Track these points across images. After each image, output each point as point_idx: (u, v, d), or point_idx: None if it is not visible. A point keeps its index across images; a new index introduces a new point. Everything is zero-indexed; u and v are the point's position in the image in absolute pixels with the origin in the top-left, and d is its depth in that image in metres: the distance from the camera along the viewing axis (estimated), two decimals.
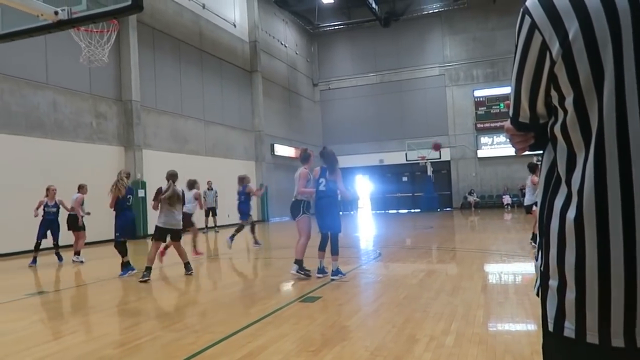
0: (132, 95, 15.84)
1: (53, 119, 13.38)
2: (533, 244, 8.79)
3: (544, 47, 1.03)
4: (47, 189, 9.52)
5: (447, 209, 27.53)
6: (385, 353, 3.49)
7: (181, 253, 7.55)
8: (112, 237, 8.00)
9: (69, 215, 9.79)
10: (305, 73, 30.75)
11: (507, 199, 25.96)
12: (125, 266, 7.77)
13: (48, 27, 5.18)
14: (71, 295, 6.55)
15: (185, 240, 8.47)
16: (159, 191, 7.34)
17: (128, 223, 7.83)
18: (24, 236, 10.40)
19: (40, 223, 9.39)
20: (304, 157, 7.09)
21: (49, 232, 9.45)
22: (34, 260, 9.31)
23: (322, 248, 6.78)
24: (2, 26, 5.46)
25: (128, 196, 7.83)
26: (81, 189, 9.90)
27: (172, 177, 7.42)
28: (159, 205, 7.33)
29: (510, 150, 27.29)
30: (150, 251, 7.34)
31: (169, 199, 7.19)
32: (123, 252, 7.76)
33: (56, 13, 5.00)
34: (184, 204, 7.82)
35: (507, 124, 1.22)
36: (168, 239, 7.66)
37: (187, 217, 8.96)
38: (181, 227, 7.59)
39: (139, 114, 16.13)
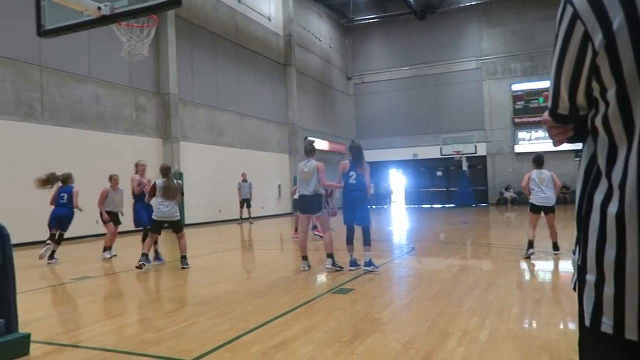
0: (170, 88, 16.21)
1: (95, 111, 13.85)
2: (556, 252, 7.78)
3: (586, 38, 1.02)
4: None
5: (483, 204, 27.04)
6: (417, 346, 3.50)
7: (182, 246, 7.67)
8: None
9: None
10: (339, 67, 30.68)
11: None
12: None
13: (92, 22, 5.37)
14: (113, 281, 6.81)
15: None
16: (154, 185, 7.58)
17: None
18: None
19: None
20: (309, 150, 7.02)
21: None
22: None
23: (350, 241, 6.86)
24: (49, 21, 5.70)
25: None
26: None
27: (166, 170, 7.58)
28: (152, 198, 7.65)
29: (549, 146, 26.47)
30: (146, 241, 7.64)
31: (164, 191, 7.35)
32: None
33: (99, 9, 5.18)
34: (182, 195, 7.97)
35: (546, 115, 1.21)
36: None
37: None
38: (178, 218, 7.66)
39: (176, 106, 16.50)
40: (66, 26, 5.62)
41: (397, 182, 30.97)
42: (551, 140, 1.27)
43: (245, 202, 17.13)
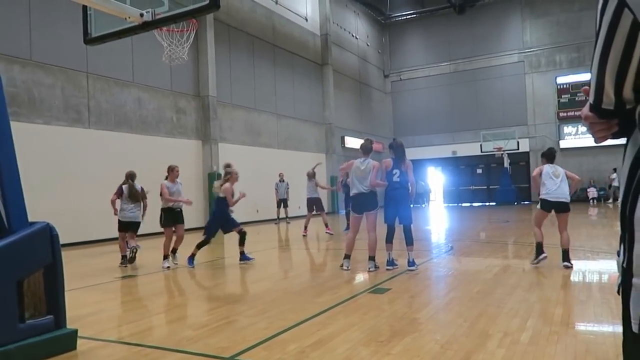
0: (209, 91, 16.55)
1: (138, 115, 14.30)
2: (567, 264, 6.52)
3: (635, 27, 0.96)
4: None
5: (525, 202, 26.24)
6: (456, 347, 3.44)
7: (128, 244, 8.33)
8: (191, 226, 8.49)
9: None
10: (376, 64, 30.49)
11: (592, 192, 24.28)
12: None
13: (135, 28, 5.56)
14: (155, 280, 7.02)
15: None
16: (120, 190, 8.35)
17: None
18: (112, 224, 11.24)
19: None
20: (368, 149, 7.02)
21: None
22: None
23: (390, 240, 6.84)
24: (95, 30, 5.94)
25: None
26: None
27: (130, 177, 8.49)
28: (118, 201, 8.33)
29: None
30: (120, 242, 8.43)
31: (129, 196, 8.23)
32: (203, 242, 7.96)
33: (142, 15, 5.36)
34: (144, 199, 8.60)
35: (586, 111, 1.15)
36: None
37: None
38: (139, 221, 8.40)
39: (215, 108, 16.83)
40: (111, 33, 5.85)
41: (436, 180, 30.49)
42: (592, 138, 1.21)
43: (283, 202, 17.26)
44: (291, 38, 21.87)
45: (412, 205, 7.16)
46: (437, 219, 18.65)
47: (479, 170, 28.59)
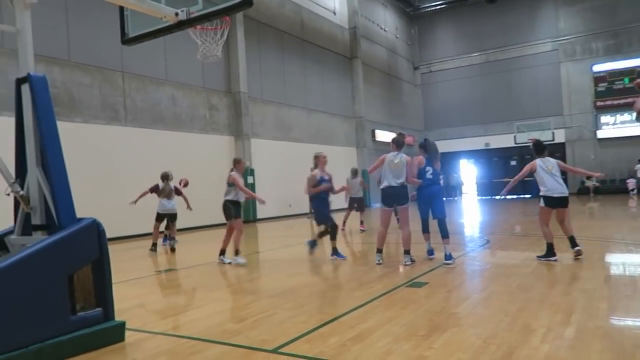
0: (240, 87, 16.73)
1: (172, 112, 14.59)
2: (578, 249, 6.55)
3: None
4: (317, 157, 7.87)
5: None
6: (498, 342, 3.40)
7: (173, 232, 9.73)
8: (219, 221, 8.67)
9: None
10: (405, 56, 30.16)
11: (632, 184, 23.45)
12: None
13: (170, 28, 5.66)
14: (194, 273, 7.18)
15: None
16: (156, 187, 9.50)
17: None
18: (150, 219, 11.52)
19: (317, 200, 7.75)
20: (401, 143, 7.00)
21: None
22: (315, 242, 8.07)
23: (426, 229, 7.06)
24: (132, 30, 6.08)
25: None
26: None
27: (165, 177, 9.59)
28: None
29: (637, 130, 24.56)
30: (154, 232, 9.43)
31: (165, 194, 9.38)
32: (332, 235, 7.70)
33: (177, 14, 5.45)
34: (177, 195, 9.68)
35: (639, 104, 1.12)
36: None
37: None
38: (176, 212, 9.53)
39: (246, 104, 17.00)
40: (147, 33, 5.97)
41: (468, 172, 30.00)
42: None
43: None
44: (320, 32, 21.84)
45: (444, 199, 7.17)
46: (470, 212, 18.38)
47: (513, 162, 27.96)
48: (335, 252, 7.68)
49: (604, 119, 25.35)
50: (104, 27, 12.06)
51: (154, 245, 9.40)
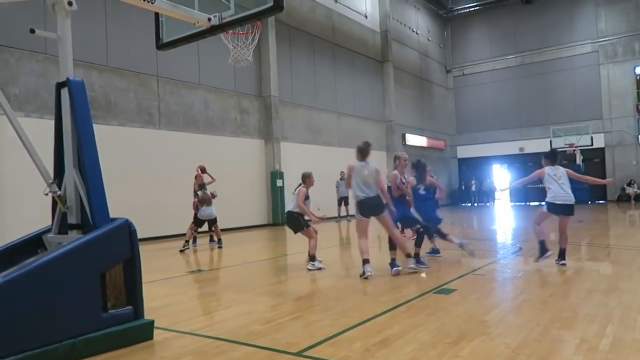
0: (271, 91, 16.89)
1: (204, 116, 14.86)
2: (563, 262, 6.62)
3: None
4: (398, 158, 7.49)
5: (600, 201, 24.72)
6: (528, 352, 3.31)
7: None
8: (249, 224, 8.73)
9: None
10: (437, 59, 29.82)
11: None
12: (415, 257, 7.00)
13: (203, 32, 5.79)
14: (223, 275, 7.28)
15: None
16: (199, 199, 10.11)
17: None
18: (181, 220, 11.73)
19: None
20: (366, 152, 7.01)
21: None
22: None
23: (430, 235, 7.76)
24: (166, 35, 6.24)
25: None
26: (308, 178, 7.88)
27: (201, 186, 10.30)
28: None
29: None
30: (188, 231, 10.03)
31: (203, 201, 10.00)
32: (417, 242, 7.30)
33: (209, 20, 5.57)
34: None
35: None
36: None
37: None
38: (215, 216, 10.17)
39: (277, 108, 17.14)
40: (181, 38, 6.13)
41: (502, 178, 29.35)
42: None
43: (343, 200, 17.32)
44: (351, 36, 21.84)
45: (475, 205, 7.20)
46: (503, 218, 17.99)
47: None
48: (418, 259, 6.85)
49: None
50: (140, 33, 12.41)
51: (187, 242, 10.02)
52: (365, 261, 6.33)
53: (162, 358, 3.48)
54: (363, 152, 6.79)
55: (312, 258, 7.23)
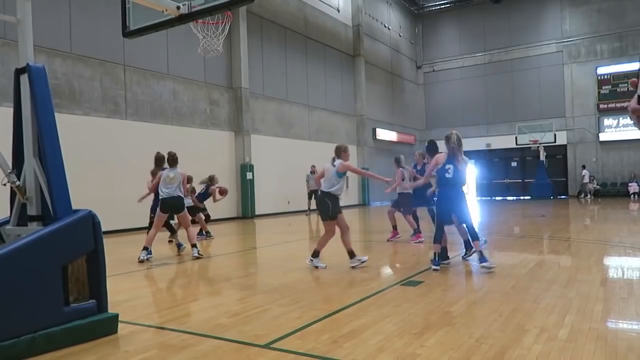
0: (241, 83, 16.71)
1: (173, 107, 14.59)
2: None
3: None
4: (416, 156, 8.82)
5: (562, 196, 25.55)
6: (491, 341, 3.40)
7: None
8: (220, 217, 8.62)
9: None
10: (408, 55, 30.10)
11: (634, 187, 23.43)
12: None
13: (171, 21, 5.64)
14: (190, 268, 7.18)
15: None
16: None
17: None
18: (147, 213, 11.50)
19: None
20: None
21: None
22: None
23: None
24: (133, 23, 6.07)
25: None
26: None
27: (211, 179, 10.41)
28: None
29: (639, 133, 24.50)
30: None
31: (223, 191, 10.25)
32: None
33: (178, 8, 5.43)
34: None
35: (634, 104, 1.11)
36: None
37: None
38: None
39: (247, 100, 16.99)
40: (148, 26, 5.95)
41: (469, 173, 29.96)
42: None
43: (314, 193, 17.33)
44: (323, 29, 21.80)
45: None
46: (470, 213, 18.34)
47: (514, 164, 27.97)
48: (481, 257, 6.20)
49: (607, 121, 25.30)
50: (106, 19, 12.06)
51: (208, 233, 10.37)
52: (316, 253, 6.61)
53: (127, 352, 3.41)
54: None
55: (315, 254, 6.58)
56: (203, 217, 10.30)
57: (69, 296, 3.62)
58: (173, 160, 7.79)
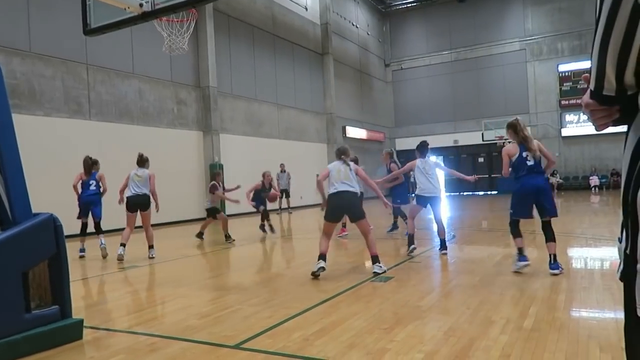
0: (209, 82, 16.50)
1: (139, 106, 14.28)
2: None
3: (637, 10, 0.95)
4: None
5: None
6: (459, 334, 3.46)
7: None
8: (189, 217, 8.49)
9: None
10: (376, 54, 30.33)
11: (594, 181, 24.27)
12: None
13: (134, 19, 5.53)
14: (159, 270, 7.06)
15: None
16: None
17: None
18: (112, 216, 11.23)
19: None
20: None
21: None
22: None
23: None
24: (94, 20, 5.91)
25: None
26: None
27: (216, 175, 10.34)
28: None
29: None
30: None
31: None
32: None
33: (141, 5, 5.33)
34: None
35: (587, 98, 1.13)
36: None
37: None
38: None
39: (215, 99, 16.79)
40: (110, 24, 5.82)
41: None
42: (593, 126, 1.19)
43: (284, 192, 17.29)
44: (291, 28, 21.75)
45: (413, 195, 7.26)
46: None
47: (481, 159, 28.55)
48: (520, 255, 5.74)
49: (569, 117, 26.10)
50: (67, 17, 11.69)
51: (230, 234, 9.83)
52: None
53: (93, 358, 3.33)
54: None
55: (375, 259, 5.90)
56: (225, 218, 9.88)
57: (30, 303, 3.50)
58: (142, 160, 8.16)
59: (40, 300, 3.62)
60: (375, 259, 5.86)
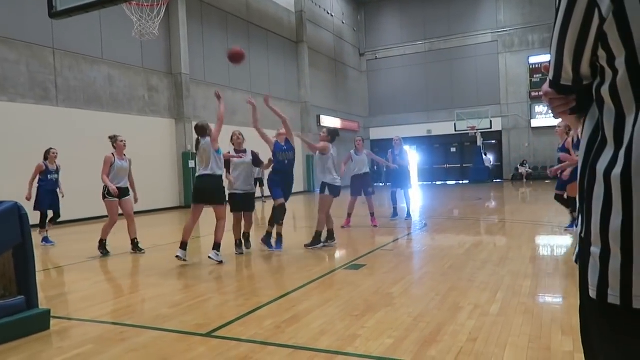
0: (181, 69, 16.20)
1: (109, 93, 13.93)
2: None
3: (592, 5, 0.99)
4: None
5: (497, 180, 26.80)
6: (428, 319, 3.54)
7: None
8: (162, 206, 8.37)
9: None
10: (351, 43, 30.29)
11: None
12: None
13: (102, 2, 5.41)
14: (130, 259, 6.96)
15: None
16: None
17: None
18: (81, 205, 11.03)
19: None
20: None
21: None
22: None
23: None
24: (61, 3, 5.73)
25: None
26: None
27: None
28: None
29: (567, 119, 25.98)
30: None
31: None
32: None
33: None
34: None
35: (546, 87, 1.18)
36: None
37: None
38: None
39: (188, 86, 16.51)
40: (77, 7, 5.66)
41: (411, 158, 30.76)
42: (552, 114, 1.24)
43: (258, 181, 17.17)
44: (266, 15, 21.49)
45: (382, 184, 7.36)
46: (411, 197, 18.87)
47: (453, 149, 28.97)
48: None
49: (538, 109, 26.66)
50: None
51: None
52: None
53: (60, 348, 3.27)
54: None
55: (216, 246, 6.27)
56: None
57: None
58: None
59: (5, 291, 3.54)
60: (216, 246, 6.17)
